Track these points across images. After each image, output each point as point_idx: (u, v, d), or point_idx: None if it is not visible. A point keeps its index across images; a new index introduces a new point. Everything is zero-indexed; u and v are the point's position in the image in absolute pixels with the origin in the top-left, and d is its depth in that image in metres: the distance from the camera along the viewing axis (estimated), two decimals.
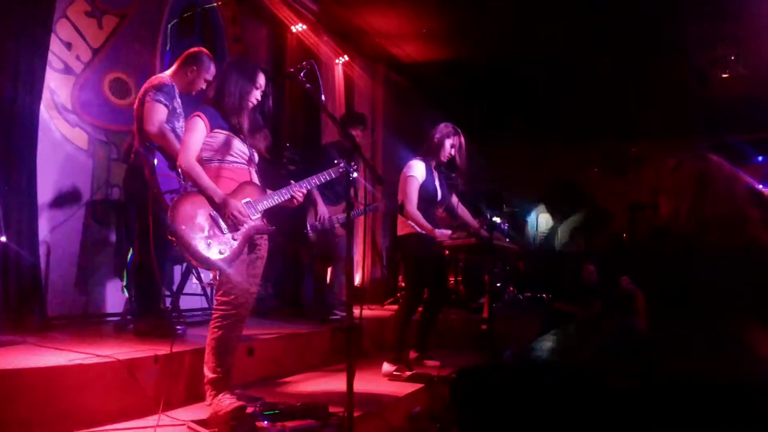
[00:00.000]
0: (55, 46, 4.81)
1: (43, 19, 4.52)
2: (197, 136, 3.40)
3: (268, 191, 3.61)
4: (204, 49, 4.58)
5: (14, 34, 4.25)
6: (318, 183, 3.82)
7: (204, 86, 4.51)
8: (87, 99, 5.18)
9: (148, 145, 4.17)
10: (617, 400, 1.99)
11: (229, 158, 3.49)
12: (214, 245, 3.27)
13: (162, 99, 4.18)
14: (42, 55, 4.48)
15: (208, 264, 3.30)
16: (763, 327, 2.18)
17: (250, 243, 3.46)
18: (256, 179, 3.62)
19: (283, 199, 3.61)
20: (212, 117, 3.45)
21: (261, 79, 3.62)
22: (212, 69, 4.53)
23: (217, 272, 3.39)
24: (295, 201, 3.64)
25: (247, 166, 3.58)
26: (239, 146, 3.52)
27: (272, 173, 6.64)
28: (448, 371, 4.55)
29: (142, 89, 4.30)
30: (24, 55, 4.29)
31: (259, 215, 3.49)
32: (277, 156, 6.63)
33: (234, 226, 3.34)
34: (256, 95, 3.61)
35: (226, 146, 3.48)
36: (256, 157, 3.66)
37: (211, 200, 3.30)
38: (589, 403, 2.03)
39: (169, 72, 4.44)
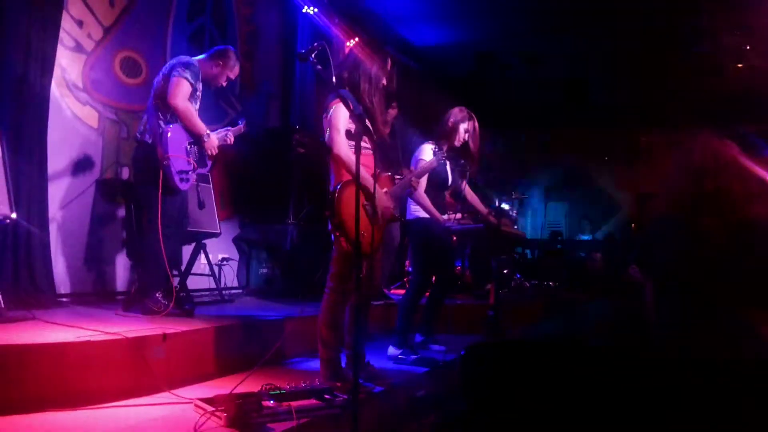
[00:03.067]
0: (66, 23, 4.80)
1: None
2: (345, 121, 3.41)
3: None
4: (232, 48, 4.65)
5: (26, 11, 4.25)
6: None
7: (225, 83, 4.62)
8: (98, 77, 5.18)
9: (164, 123, 4.22)
10: (622, 376, 2.00)
11: (363, 144, 3.48)
12: (366, 236, 3.35)
13: (189, 77, 4.24)
14: (53, 33, 4.47)
15: (363, 255, 3.33)
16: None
17: None
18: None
19: (404, 190, 3.75)
20: (353, 101, 3.38)
21: (389, 63, 3.61)
22: (236, 68, 4.63)
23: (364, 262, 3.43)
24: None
25: (372, 152, 3.55)
26: (369, 132, 3.49)
27: (281, 157, 6.66)
28: (453, 356, 4.56)
29: (168, 65, 4.35)
30: (35, 32, 4.29)
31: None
32: (285, 139, 6.64)
33: (381, 218, 3.44)
34: (384, 78, 3.59)
35: (362, 132, 3.46)
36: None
37: (367, 192, 3.33)
38: (596, 379, 2.04)
39: (197, 59, 4.50)
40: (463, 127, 4.86)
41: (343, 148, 3.39)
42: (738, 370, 1.85)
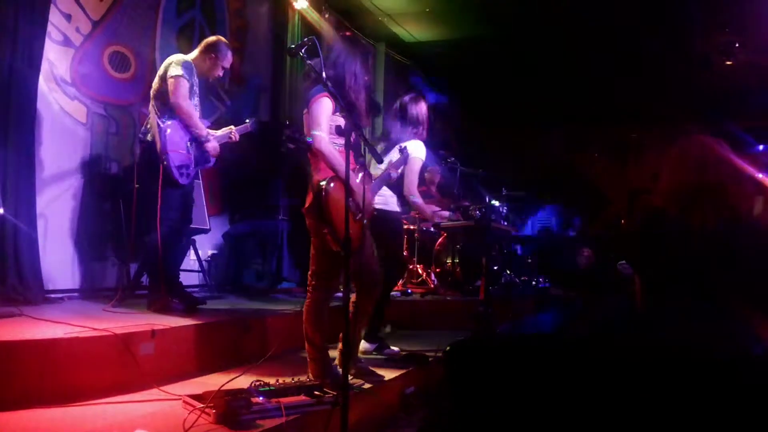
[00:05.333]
0: (54, 17, 4.77)
1: None
2: (327, 117, 3.40)
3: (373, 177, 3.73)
4: (222, 38, 4.68)
5: (14, 4, 4.21)
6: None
7: (221, 73, 4.66)
8: (86, 72, 5.14)
9: (163, 120, 4.27)
10: (612, 372, 2.00)
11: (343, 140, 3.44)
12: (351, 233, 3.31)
13: (185, 74, 4.31)
14: (41, 27, 4.44)
15: (351, 253, 3.30)
16: (757, 304, 2.21)
17: None
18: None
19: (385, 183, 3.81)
20: (337, 99, 3.29)
21: (370, 60, 3.63)
22: (229, 56, 4.66)
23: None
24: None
25: (353, 151, 3.52)
26: (358, 128, 3.45)
27: (270, 152, 6.63)
28: (441, 353, 4.55)
29: (162, 66, 4.40)
30: (23, 26, 4.25)
31: None
32: (275, 135, 6.62)
33: (364, 215, 3.43)
34: (366, 75, 3.59)
35: (352, 128, 3.41)
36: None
37: (351, 190, 3.24)
38: (583, 375, 2.04)
39: (190, 56, 4.53)
40: (425, 113, 4.69)
41: (324, 143, 3.36)
42: (729, 367, 1.86)
